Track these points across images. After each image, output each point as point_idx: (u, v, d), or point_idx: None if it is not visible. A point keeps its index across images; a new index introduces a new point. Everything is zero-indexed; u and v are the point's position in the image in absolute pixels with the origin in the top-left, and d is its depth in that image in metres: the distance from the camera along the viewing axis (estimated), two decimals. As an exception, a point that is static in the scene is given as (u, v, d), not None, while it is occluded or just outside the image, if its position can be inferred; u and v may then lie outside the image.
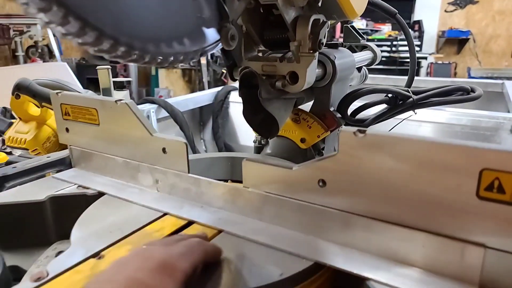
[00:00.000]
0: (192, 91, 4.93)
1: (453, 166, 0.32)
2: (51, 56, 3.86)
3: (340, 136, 0.36)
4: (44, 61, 3.62)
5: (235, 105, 1.53)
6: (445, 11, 4.99)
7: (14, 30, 3.60)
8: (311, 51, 0.50)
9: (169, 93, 4.67)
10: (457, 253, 0.34)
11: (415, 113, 0.60)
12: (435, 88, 0.59)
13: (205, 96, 1.53)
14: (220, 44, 0.43)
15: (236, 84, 1.58)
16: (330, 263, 0.37)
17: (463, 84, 0.60)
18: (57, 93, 0.56)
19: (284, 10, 0.47)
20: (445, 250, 0.34)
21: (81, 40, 0.29)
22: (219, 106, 1.53)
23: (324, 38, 0.51)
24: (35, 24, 3.63)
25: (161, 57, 0.35)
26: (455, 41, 5.08)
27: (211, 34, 0.40)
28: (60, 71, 2.40)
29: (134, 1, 0.31)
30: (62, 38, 0.28)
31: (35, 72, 2.31)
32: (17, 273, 0.46)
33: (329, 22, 0.53)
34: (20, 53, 3.69)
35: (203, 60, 4.35)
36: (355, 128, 0.36)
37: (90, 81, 3.96)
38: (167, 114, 1.28)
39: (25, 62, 3.67)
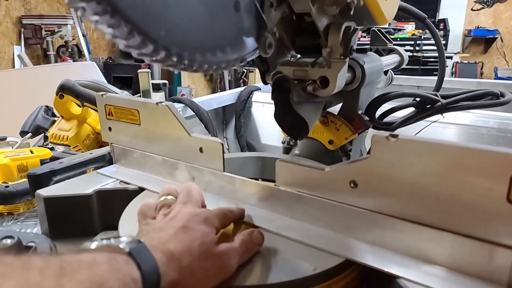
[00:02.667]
0: (213, 90, 4.99)
1: (484, 171, 0.33)
2: (80, 55, 4.00)
3: (372, 140, 0.38)
4: (74, 60, 3.76)
5: (258, 105, 1.55)
6: (472, 9, 4.87)
7: (45, 30, 3.75)
8: (342, 57, 0.52)
9: (191, 92, 4.74)
10: (486, 255, 0.35)
11: (443, 117, 0.61)
12: (464, 92, 0.60)
13: (229, 96, 1.56)
14: (258, 51, 0.46)
15: (258, 84, 1.60)
16: (361, 261, 0.39)
17: (490, 86, 0.61)
18: (102, 94, 0.60)
19: (317, 18, 0.50)
20: (474, 251, 0.35)
21: (140, 52, 0.32)
22: (242, 106, 1.55)
23: (355, 44, 0.53)
24: (66, 24, 3.77)
25: (206, 65, 0.38)
26: (481, 40, 4.95)
27: (250, 42, 0.43)
28: (89, 70, 2.49)
29: (185, 15, 0.34)
30: (124, 49, 0.32)
31: (67, 71, 2.41)
32: (67, 261, 0.50)
33: (359, 29, 0.55)
34: (51, 53, 3.84)
35: (225, 59, 4.39)
36: (387, 133, 0.38)
37: (116, 79, 4.08)
38: (192, 113, 1.32)
39: (55, 61, 3.82)
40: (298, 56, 0.60)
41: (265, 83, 0.58)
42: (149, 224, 0.40)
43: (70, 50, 3.86)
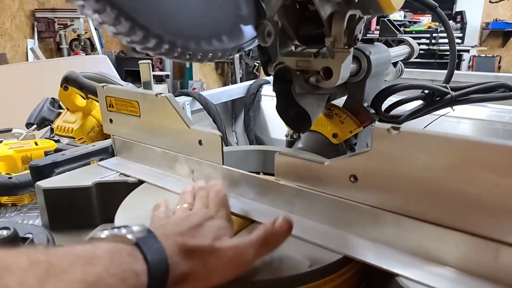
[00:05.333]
0: (225, 83, 4.99)
1: (491, 165, 0.31)
2: (93, 49, 4.04)
3: (373, 132, 0.37)
4: (86, 54, 3.79)
5: (267, 99, 1.53)
6: (490, 1, 4.72)
7: (58, 24, 3.79)
8: (346, 47, 0.50)
9: (202, 86, 4.75)
10: (491, 254, 0.33)
11: (453, 110, 0.59)
12: (475, 84, 0.57)
13: (238, 89, 1.55)
14: (256, 40, 0.44)
15: (269, 77, 1.58)
16: (360, 258, 0.37)
17: (508, 80, 0.58)
18: (103, 86, 0.59)
19: (320, 6, 0.48)
20: (479, 250, 0.34)
21: (129, 39, 0.31)
22: (251, 100, 1.54)
23: (360, 33, 0.51)
24: (78, 18, 3.80)
25: (201, 54, 0.37)
26: (500, 33, 4.80)
27: (248, 31, 0.42)
28: (101, 64, 2.50)
29: (179, 0, 0.33)
30: (114, 37, 0.31)
31: (79, 64, 2.43)
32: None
33: (365, 18, 0.53)
34: (64, 46, 3.88)
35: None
36: (389, 125, 0.36)
37: (128, 73, 4.11)
38: (201, 107, 1.32)
39: (68, 54, 3.86)
40: (303, 47, 0.59)
41: (267, 74, 0.56)
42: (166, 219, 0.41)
43: (82, 43, 3.89)
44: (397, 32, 0.76)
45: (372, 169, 0.38)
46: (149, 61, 0.78)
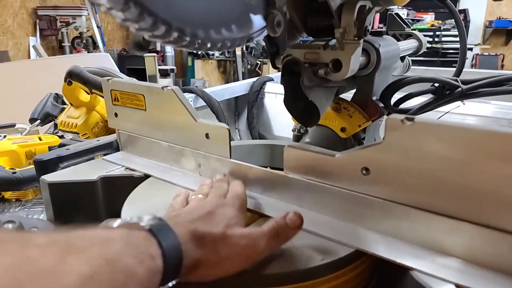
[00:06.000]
0: (227, 82, 4.97)
1: (508, 156, 0.31)
2: (95, 47, 4.03)
3: (386, 123, 0.36)
4: (88, 52, 3.79)
5: (270, 96, 1.52)
6: (493, -1, 4.69)
7: (60, 22, 3.78)
8: (356, 38, 0.49)
9: (204, 84, 4.74)
10: (506, 246, 0.32)
11: (464, 104, 0.58)
12: (485, 77, 0.56)
13: (241, 86, 1.53)
14: (265, 31, 0.44)
15: (271, 74, 1.57)
16: (372, 251, 0.37)
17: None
18: (108, 79, 0.59)
19: (329, -4, 0.47)
20: (494, 243, 0.33)
21: (138, 26, 0.30)
22: (255, 97, 1.52)
23: (370, 25, 0.51)
24: (80, 15, 3.80)
25: (210, 43, 0.36)
26: (503, 31, 4.78)
27: (258, 20, 0.41)
28: (103, 61, 2.49)
29: (187, -13, 0.32)
30: (122, 24, 0.30)
31: (81, 62, 2.41)
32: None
33: (375, 9, 0.52)
34: (66, 44, 3.87)
35: (238, 51, 4.38)
36: (402, 116, 0.35)
37: (130, 71, 4.10)
38: (204, 104, 1.31)
39: (70, 52, 3.85)
40: (311, 39, 0.58)
41: (275, 67, 0.55)
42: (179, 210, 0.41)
43: (84, 41, 3.89)
44: (405, 26, 0.75)
45: (385, 161, 0.37)
46: (155, 54, 0.78)
